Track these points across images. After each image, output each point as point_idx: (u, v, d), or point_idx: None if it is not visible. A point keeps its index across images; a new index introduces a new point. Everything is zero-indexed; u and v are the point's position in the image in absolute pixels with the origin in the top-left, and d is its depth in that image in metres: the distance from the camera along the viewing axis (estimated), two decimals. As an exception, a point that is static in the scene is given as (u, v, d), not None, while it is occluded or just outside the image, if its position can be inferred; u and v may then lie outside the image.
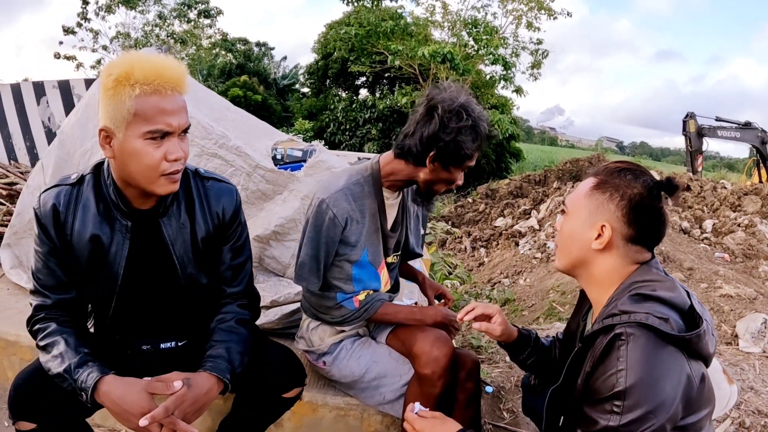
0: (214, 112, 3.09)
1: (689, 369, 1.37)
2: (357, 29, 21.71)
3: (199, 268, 1.84)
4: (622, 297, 1.47)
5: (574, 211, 1.59)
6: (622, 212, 1.49)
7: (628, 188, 1.49)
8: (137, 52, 1.70)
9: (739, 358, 5.00)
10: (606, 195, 1.51)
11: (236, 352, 1.77)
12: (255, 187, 2.89)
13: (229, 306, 1.90)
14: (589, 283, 1.61)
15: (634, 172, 1.53)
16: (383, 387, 2.22)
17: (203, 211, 1.82)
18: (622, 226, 1.49)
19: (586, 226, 1.54)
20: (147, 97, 1.52)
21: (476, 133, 2.00)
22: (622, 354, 1.34)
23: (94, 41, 27.12)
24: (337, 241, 2.10)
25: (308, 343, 2.33)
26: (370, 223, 2.14)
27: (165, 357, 1.90)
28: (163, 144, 1.57)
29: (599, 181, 1.55)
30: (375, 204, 2.15)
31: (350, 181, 2.13)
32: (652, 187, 1.48)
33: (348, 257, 2.13)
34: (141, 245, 1.76)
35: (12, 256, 3.38)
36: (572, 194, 1.62)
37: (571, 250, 1.59)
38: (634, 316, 1.38)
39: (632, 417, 1.30)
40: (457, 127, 1.96)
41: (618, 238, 1.50)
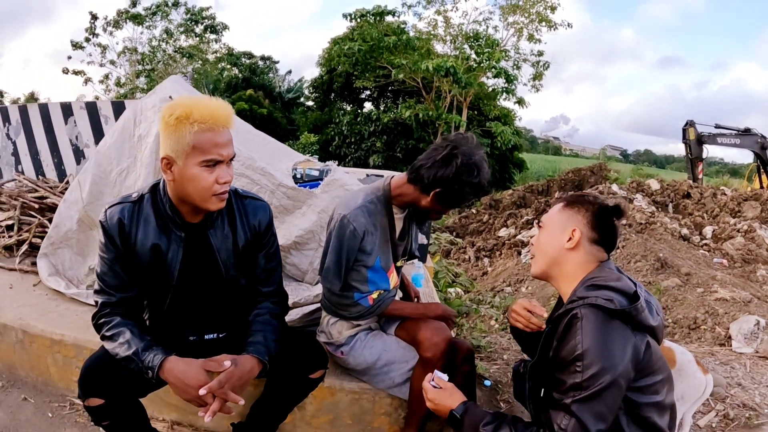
0: (239, 135, 3.38)
1: (634, 338, 1.76)
2: (360, 45, 21.99)
3: (239, 271, 2.20)
4: (580, 288, 1.89)
5: (549, 224, 2.05)
6: (588, 220, 1.96)
7: (591, 204, 1.99)
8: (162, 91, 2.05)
9: (731, 358, 5.13)
10: (575, 209, 2.00)
11: (271, 340, 2.13)
12: (278, 203, 3.23)
13: (264, 303, 2.27)
14: (561, 280, 2.02)
15: (593, 196, 2.04)
16: (393, 372, 2.61)
17: (243, 223, 2.19)
18: (588, 230, 1.96)
19: (560, 233, 1.99)
20: (203, 133, 1.89)
21: (478, 189, 2.42)
22: (578, 327, 1.75)
23: (102, 56, 27.57)
24: (356, 250, 2.46)
25: (328, 336, 2.70)
26: (382, 235, 2.52)
27: (209, 346, 2.26)
28: (215, 170, 1.95)
29: (569, 202, 2.04)
30: (386, 219, 2.53)
31: (366, 200, 2.50)
32: (606, 205, 1.98)
33: (364, 263, 2.49)
34: (192, 252, 2.12)
35: (49, 264, 3.66)
36: (547, 213, 2.10)
37: (547, 252, 2.02)
38: (586, 300, 1.79)
39: (591, 372, 1.68)
40: (466, 181, 2.36)
41: (584, 239, 1.95)
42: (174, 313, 2.20)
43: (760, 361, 5.16)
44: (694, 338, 6.42)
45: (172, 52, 28.99)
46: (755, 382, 4.47)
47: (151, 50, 28.34)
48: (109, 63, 27.90)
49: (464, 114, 22.40)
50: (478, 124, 23.67)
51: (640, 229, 10.87)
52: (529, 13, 21.93)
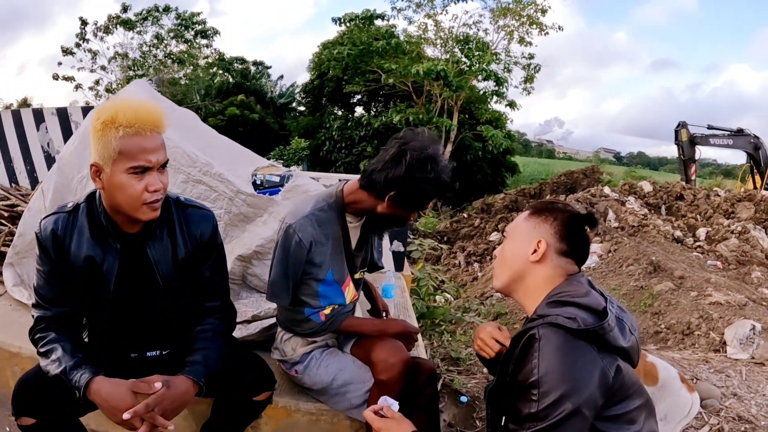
0: (201, 141, 3.30)
1: (601, 361, 1.55)
2: (350, 49, 21.95)
3: (180, 285, 2.07)
4: (542, 305, 1.71)
5: (514, 234, 1.86)
6: (555, 230, 1.76)
7: (560, 213, 1.79)
8: (124, 96, 1.94)
9: (726, 365, 5.10)
10: (541, 218, 1.80)
11: (212, 359, 2.00)
12: (237, 211, 3.09)
13: (208, 318, 2.13)
14: (524, 295, 1.81)
15: (563, 204, 1.85)
16: (350, 393, 2.42)
17: (183, 234, 2.06)
18: (555, 241, 1.76)
19: (525, 243, 1.79)
20: (130, 138, 1.79)
21: (436, 185, 2.19)
22: (535, 350, 1.55)
23: (92, 62, 27.31)
24: (303, 262, 2.29)
25: (282, 353, 2.54)
26: (334, 246, 2.34)
27: (151, 364, 2.12)
28: (145, 177, 1.83)
29: (535, 210, 1.84)
30: (339, 229, 2.35)
31: (316, 208, 2.32)
32: (577, 214, 1.80)
33: (314, 276, 2.32)
34: (129, 265, 2.00)
35: (14, 274, 3.55)
36: (512, 223, 1.90)
37: (511, 265, 1.82)
38: (546, 318, 1.60)
39: (548, 402, 1.48)
40: (420, 177, 2.15)
41: (551, 251, 1.75)
42: (113, 329, 2.09)
43: (756, 367, 5.14)
44: (687, 344, 6.33)
45: (163, 57, 28.85)
46: (751, 391, 4.41)
47: (141, 56, 28.18)
48: (100, 69, 27.61)
49: (455, 118, 22.31)
50: (469, 128, 23.56)
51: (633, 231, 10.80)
52: (519, 15, 21.87)
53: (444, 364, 4.05)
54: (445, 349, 4.31)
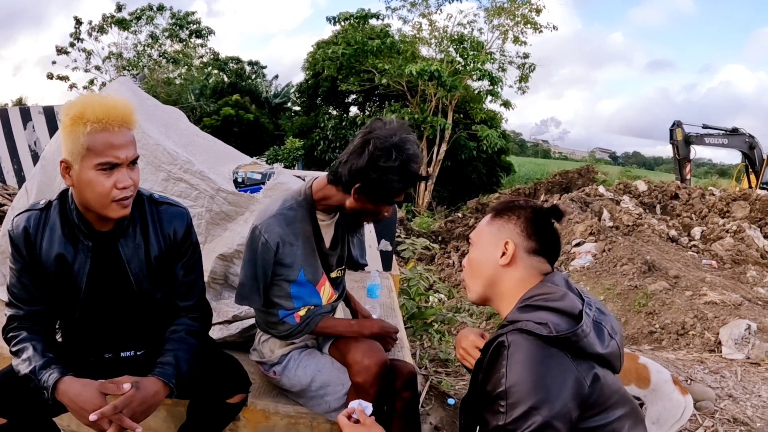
0: (183, 138, 3.24)
1: (575, 369, 1.44)
2: (344, 48, 21.92)
3: (153, 284, 2.03)
4: (514, 310, 1.60)
5: (479, 240, 1.76)
6: (521, 228, 1.67)
7: (522, 210, 1.70)
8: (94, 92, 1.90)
9: (721, 366, 5.10)
10: (504, 218, 1.71)
11: (184, 360, 1.95)
12: (218, 209, 3.03)
13: (181, 318, 2.08)
14: (500, 301, 1.71)
15: (524, 200, 1.76)
16: (328, 396, 2.35)
17: (156, 232, 2.01)
18: (522, 240, 1.66)
19: (491, 248, 1.69)
20: (97, 134, 1.74)
21: (403, 174, 2.06)
22: (504, 358, 1.45)
23: (86, 61, 27.42)
24: (272, 263, 2.22)
25: (260, 355, 2.47)
26: (305, 245, 2.26)
27: (125, 365, 2.07)
28: (113, 174, 1.79)
29: (496, 212, 1.75)
30: (309, 227, 2.27)
31: (284, 207, 2.24)
32: (541, 208, 1.71)
33: (285, 277, 2.26)
34: (101, 263, 1.95)
35: None
36: (475, 229, 1.80)
37: (481, 273, 1.73)
38: (516, 324, 1.50)
39: (516, 414, 1.37)
40: (384, 167, 2.04)
41: (521, 251, 1.66)
42: (86, 329, 2.04)
43: (751, 368, 5.12)
44: (682, 344, 6.31)
45: (158, 57, 28.82)
46: (747, 392, 4.38)
47: (136, 55, 28.16)
48: (94, 68, 27.72)
49: (450, 117, 22.29)
50: (464, 128, 23.56)
51: (627, 231, 10.79)
52: (514, 15, 21.87)
53: (432, 365, 3.99)
54: (435, 350, 4.25)
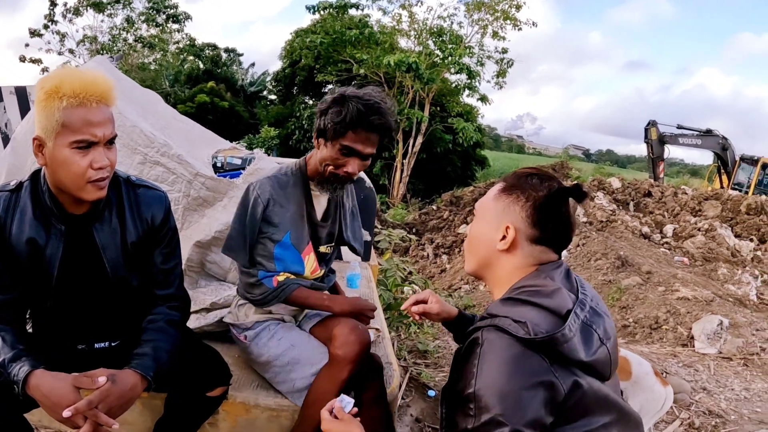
0: (160, 120, 3.14)
1: (553, 374, 1.32)
2: (323, 37, 21.74)
3: (129, 271, 1.93)
4: (497, 302, 1.50)
5: (482, 214, 1.63)
6: (527, 213, 1.51)
7: (534, 191, 1.52)
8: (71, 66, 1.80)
9: (694, 359, 5.22)
10: (512, 197, 1.54)
11: (163, 351, 1.86)
12: (196, 194, 2.95)
13: (159, 307, 1.98)
14: (493, 285, 1.62)
15: (540, 177, 1.56)
16: (294, 373, 2.29)
17: (133, 216, 1.92)
18: (526, 227, 1.51)
19: (492, 228, 1.56)
20: (73, 109, 1.64)
21: (351, 107, 2.11)
22: (476, 357, 1.36)
23: (60, 44, 26.75)
24: (259, 219, 2.25)
25: (234, 317, 2.44)
26: (295, 208, 2.30)
27: (100, 356, 1.98)
28: (89, 153, 1.69)
29: (507, 185, 1.58)
30: (301, 194, 2.32)
31: (279, 172, 2.33)
32: (556, 191, 1.51)
33: (270, 236, 2.27)
34: (75, 249, 1.85)
35: None
36: (482, 199, 1.66)
37: (477, 251, 1.62)
38: (494, 320, 1.39)
39: (484, 420, 1.29)
40: (335, 100, 2.15)
41: (522, 238, 1.52)
42: (58, 318, 1.93)
43: (723, 362, 5.22)
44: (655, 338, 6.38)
45: (133, 41, 28.30)
46: (720, 386, 4.48)
47: (111, 39, 27.58)
48: (68, 51, 27.02)
49: (426, 110, 22.25)
50: (440, 120, 23.53)
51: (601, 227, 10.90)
52: (494, 10, 21.85)
53: (411, 356, 3.94)
54: (412, 341, 4.21)
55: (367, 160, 2.25)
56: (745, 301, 7.92)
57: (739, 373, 4.88)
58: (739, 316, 6.53)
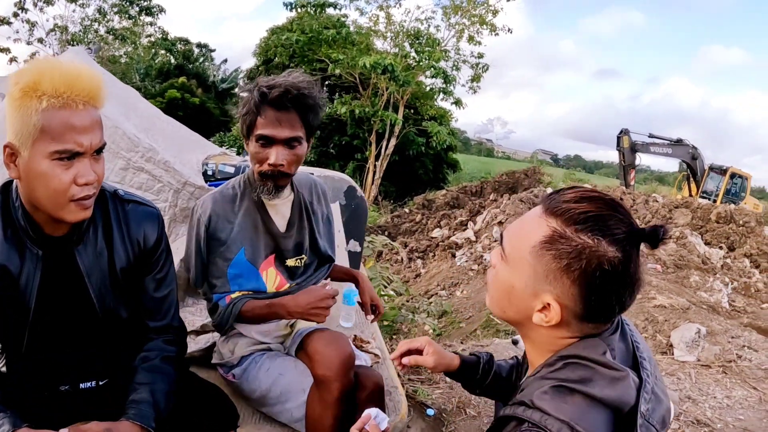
0: (143, 121, 2.90)
1: None
2: (299, 36, 21.47)
3: (118, 302, 1.67)
4: (545, 381, 1.14)
5: (515, 264, 1.19)
6: (580, 290, 1.10)
7: (594, 254, 1.07)
8: (53, 57, 1.52)
9: (675, 368, 5.23)
10: (561, 263, 1.10)
11: (161, 394, 1.62)
12: (184, 205, 2.72)
13: (153, 342, 1.74)
14: (525, 339, 1.29)
15: (603, 223, 1.09)
16: (289, 402, 2.09)
17: (122, 238, 1.66)
18: (576, 304, 1.12)
19: (528, 291, 1.17)
20: (55, 112, 1.36)
21: (250, 94, 1.98)
22: None
23: (29, 33, 25.92)
24: (205, 238, 2.08)
25: (219, 356, 2.24)
26: (247, 222, 2.12)
27: (86, 398, 1.72)
28: (73, 165, 1.41)
29: (554, 236, 1.12)
30: (252, 205, 2.14)
31: (226, 186, 2.17)
32: (624, 258, 1.08)
33: (222, 255, 2.10)
34: (54, 276, 1.58)
35: None
36: (515, 235, 1.22)
37: (505, 309, 1.26)
38: (545, 421, 1.07)
39: None
40: (246, 89, 2.03)
41: (569, 314, 1.14)
42: (36, 357, 1.64)
43: (703, 370, 5.24)
44: (635, 346, 6.38)
45: (104, 33, 27.69)
46: (703, 394, 4.52)
47: (82, 30, 26.93)
48: (37, 41, 26.25)
49: (400, 112, 22.14)
50: (414, 123, 23.45)
51: (575, 235, 10.88)
52: (471, 15, 21.85)
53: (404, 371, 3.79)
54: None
55: (294, 148, 2.02)
56: (717, 308, 8.09)
57: (719, 380, 4.92)
58: (714, 323, 6.59)
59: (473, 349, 1.98)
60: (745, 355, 5.61)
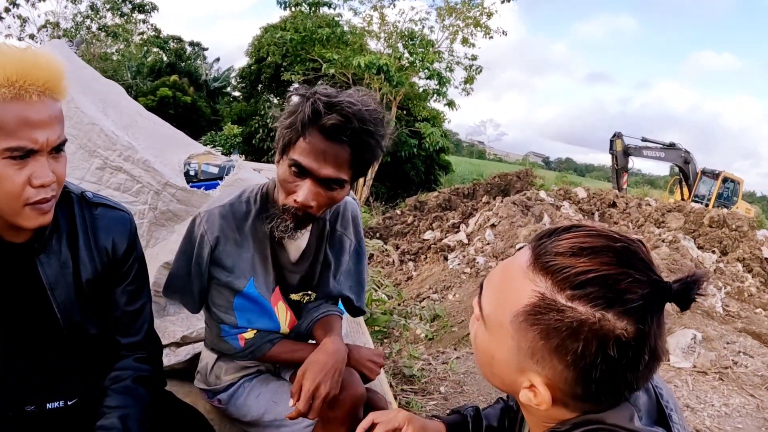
0: (123, 118, 2.75)
1: None
2: (292, 34, 21.36)
3: (85, 316, 1.52)
4: None
5: (494, 331, 0.96)
6: (576, 374, 0.86)
7: (596, 332, 0.82)
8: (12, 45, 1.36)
9: (671, 374, 5.20)
10: (550, 342, 0.85)
11: (134, 421, 1.49)
12: (165, 207, 2.57)
13: (125, 360, 1.60)
14: (527, 413, 1.06)
15: (610, 288, 0.83)
16: (284, 428, 1.90)
17: (89, 246, 1.50)
18: (572, 388, 0.89)
19: (512, 366, 0.94)
20: (7, 104, 1.20)
21: (301, 106, 1.58)
22: None
23: (21, 29, 25.92)
24: (207, 261, 1.76)
25: (204, 380, 2.03)
26: (257, 246, 1.81)
27: (53, 418, 1.57)
28: (28, 165, 1.26)
29: (542, 305, 0.86)
30: (264, 228, 1.78)
31: (239, 198, 1.81)
32: (643, 316, 0.84)
33: (228, 284, 1.80)
34: (14, 287, 1.43)
35: None
36: (495, 292, 0.97)
37: (489, 376, 1.03)
38: None
39: None
40: (299, 93, 1.65)
41: (564, 396, 0.91)
42: None
43: (699, 376, 5.21)
44: (630, 351, 6.36)
45: (96, 29, 27.49)
46: (701, 402, 4.51)
47: (74, 26, 26.74)
48: (28, 37, 26.11)
49: (393, 113, 22.04)
50: (406, 124, 23.38)
51: (568, 238, 10.81)
52: (465, 17, 21.79)
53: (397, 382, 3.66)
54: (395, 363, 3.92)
55: (332, 190, 1.63)
56: (712, 313, 8.01)
57: (716, 387, 4.89)
58: (709, 329, 6.60)
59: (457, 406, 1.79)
60: (741, 361, 5.59)
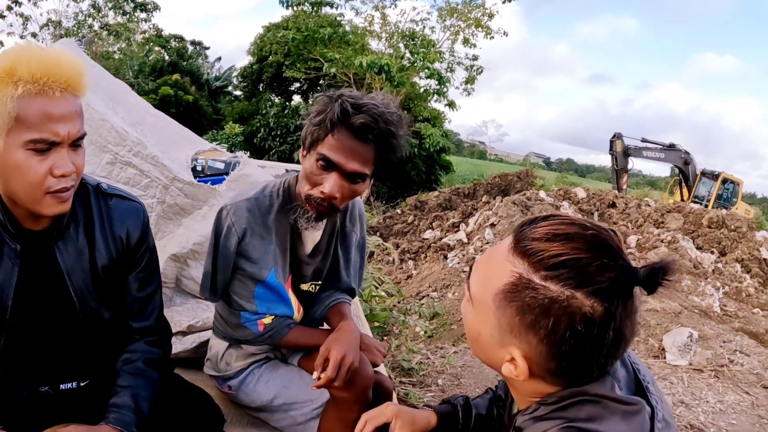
0: (132, 115, 2.81)
1: None
2: (295, 34, 21.40)
3: (100, 301, 1.60)
4: (549, 422, 1.00)
5: (480, 310, 1.05)
6: (549, 349, 0.95)
7: (565, 309, 0.91)
8: (33, 44, 1.43)
9: (667, 371, 5.26)
10: (525, 318, 0.94)
11: (144, 400, 1.56)
12: (172, 201, 2.64)
13: (136, 344, 1.67)
14: (514, 390, 1.14)
15: (579, 270, 0.92)
16: (293, 411, 2.01)
17: (104, 234, 1.58)
18: (547, 362, 0.97)
19: (494, 341, 1.03)
20: (31, 99, 1.28)
21: (329, 105, 1.70)
22: None
23: (23, 27, 25.86)
24: (233, 253, 1.88)
25: (214, 368, 2.12)
26: (279, 239, 1.92)
27: (66, 399, 1.65)
28: (49, 156, 1.33)
29: (518, 284, 0.95)
30: (287, 222, 1.91)
31: (262, 192, 1.91)
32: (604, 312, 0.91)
33: (252, 274, 1.91)
34: (33, 273, 1.50)
35: None
36: (481, 274, 1.06)
37: (477, 352, 1.12)
38: None
39: None
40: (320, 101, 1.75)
41: (540, 370, 1.00)
42: (15, 357, 1.55)
43: (695, 374, 5.28)
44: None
45: (98, 28, 27.53)
46: (696, 398, 4.54)
47: (76, 25, 26.77)
48: (31, 35, 26.06)
49: (394, 113, 22.10)
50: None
51: (567, 237, 10.87)
52: (467, 17, 21.82)
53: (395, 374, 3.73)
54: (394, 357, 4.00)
55: (355, 183, 1.75)
56: (709, 312, 8.06)
57: (712, 385, 4.94)
58: (706, 328, 6.64)
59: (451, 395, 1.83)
60: (737, 360, 5.64)
